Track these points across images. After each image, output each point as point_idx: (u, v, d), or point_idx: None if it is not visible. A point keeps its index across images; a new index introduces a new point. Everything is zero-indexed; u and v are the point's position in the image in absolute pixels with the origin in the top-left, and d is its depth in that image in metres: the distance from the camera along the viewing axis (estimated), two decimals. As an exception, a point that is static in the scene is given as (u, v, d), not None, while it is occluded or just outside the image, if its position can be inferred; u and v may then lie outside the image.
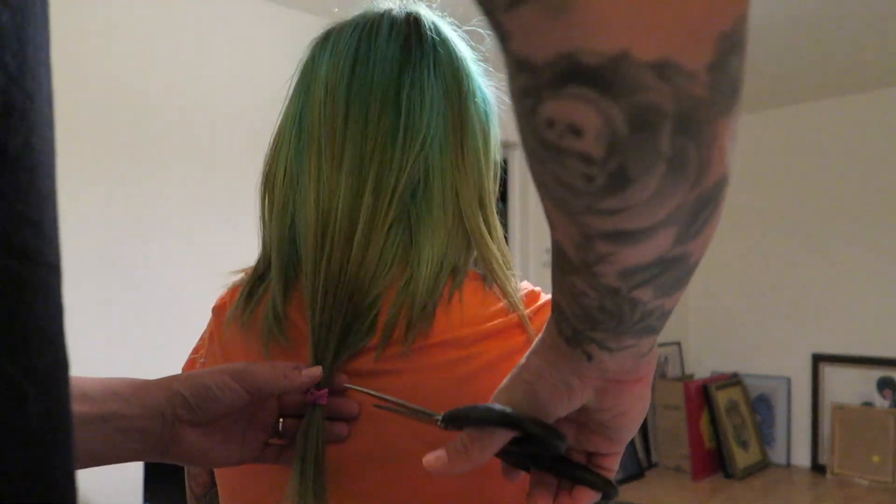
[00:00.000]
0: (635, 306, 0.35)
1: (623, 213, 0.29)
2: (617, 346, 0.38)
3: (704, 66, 0.24)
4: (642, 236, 0.30)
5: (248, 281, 0.59)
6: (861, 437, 3.07)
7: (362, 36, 0.58)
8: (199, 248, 2.04)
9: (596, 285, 0.34)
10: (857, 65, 2.79)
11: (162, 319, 1.95)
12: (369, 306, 0.53)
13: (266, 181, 0.59)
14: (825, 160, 3.25)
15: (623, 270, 0.32)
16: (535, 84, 0.26)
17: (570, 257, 0.34)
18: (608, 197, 0.28)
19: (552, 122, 0.26)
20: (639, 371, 0.41)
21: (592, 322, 0.37)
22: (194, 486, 0.66)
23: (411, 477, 0.52)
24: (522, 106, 0.27)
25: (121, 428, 0.45)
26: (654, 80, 0.24)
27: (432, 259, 0.54)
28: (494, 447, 0.42)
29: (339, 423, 0.52)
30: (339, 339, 0.52)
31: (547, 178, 0.30)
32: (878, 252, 3.10)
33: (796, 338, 3.34)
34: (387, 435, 0.52)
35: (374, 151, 0.55)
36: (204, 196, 2.06)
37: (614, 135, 0.26)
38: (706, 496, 2.91)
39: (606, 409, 0.42)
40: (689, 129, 0.26)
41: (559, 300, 0.38)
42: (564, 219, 0.31)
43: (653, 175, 0.27)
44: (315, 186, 0.55)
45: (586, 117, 0.25)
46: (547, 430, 0.40)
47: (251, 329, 0.56)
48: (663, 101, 0.25)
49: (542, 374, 0.41)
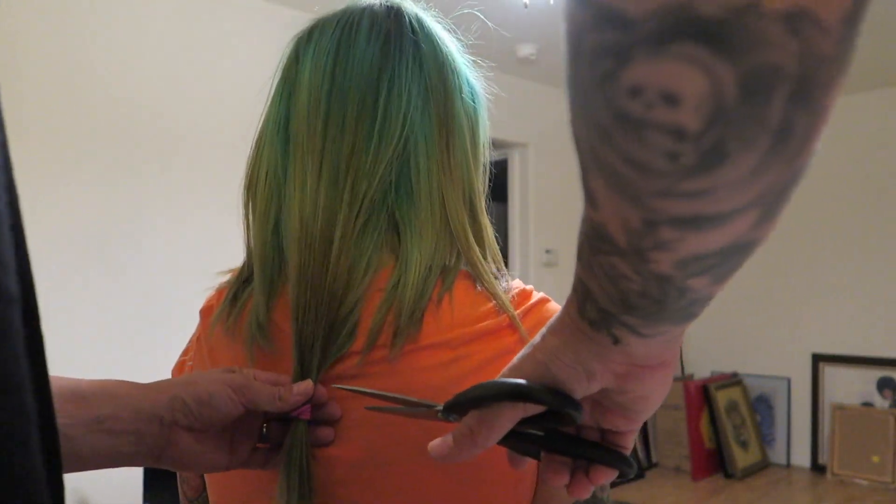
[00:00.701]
0: (684, 294, 0.31)
1: (705, 195, 0.25)
2: (650, 333, 0.35)
3: (841, 17, 0.21)
4: (719, 221, 0.26)
5: (233, 284, 0.58)
6: (861, 438, 3.07)
7: (342, 36, 0.57)
8: (190, 246, 2.04)
9: (644, 271, 0.30)
10: (857, 65, 2.79)
11: (152, 318, 1.95)
12: (348, 313, 0.52)
13: (249, 183, 0.58)
14: (825, 160, 3.25)
15: (684, 259, 0.29)
16: (623, 43, 0.22)
17: (614, 240, 0.30)
18: (693, 177, 0.24)
19: (640, 90, 0.23)
20: (664, 355, 0.38)
21: (627, 306, 0.33)
22: (187, 490, 0.66)
23: (400, 483, 0.51)
24: (597, 70, 0.23)
25: (114, 430, 0.45)
26: (781, 35, 0.20)
27: (420, 262, 0.53)
28: (502, 428, 0.39)
29: (324, 428, 0.52)
30: (322, 350, 0.52)
31: (611, 156, 0.26)
32: (879, 253, 3.10)
33: (796, 338, 3.34)
34: (375, 441, 0.51)
35: (350, 161, 0.54)
36: (196, 194, 2.06)
37: (720, 104, 0.22)
38: (706, 496, 2.91)
39: (627, 392, 0.38)
40: (805, 96, 0.22)
41: (586, 280, 0.34)
42: (622, 202, 0.27)
43: (753, 151, 0.23)
44: (299, 196, 0.54)
45: (689, 82, 0.22)
46: (562, 400, 0.37)
47: (236, 333, 0.56)
48: (787, 60, 0.21)
49: (558, 354, 0.37)
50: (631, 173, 0.25)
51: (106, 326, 1.89)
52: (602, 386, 0.38)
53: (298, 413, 0.51)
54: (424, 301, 0.52)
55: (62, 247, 1.83)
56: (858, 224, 3.16)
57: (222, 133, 2.09)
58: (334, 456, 0.52)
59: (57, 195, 1.83)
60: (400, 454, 0.51)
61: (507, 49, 2.76)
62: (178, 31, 2.04)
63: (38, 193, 1.80)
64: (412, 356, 0.51)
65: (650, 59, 0.22)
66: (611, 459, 0.42)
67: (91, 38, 1.88)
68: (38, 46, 1.81)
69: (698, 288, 0.31)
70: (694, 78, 0.21)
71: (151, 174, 1.97)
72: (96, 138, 1.88)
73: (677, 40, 0.21)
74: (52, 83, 1.82)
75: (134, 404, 0.46)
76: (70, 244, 1.85)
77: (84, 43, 1.86)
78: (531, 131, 3.13)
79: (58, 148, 1.83)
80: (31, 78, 1.80)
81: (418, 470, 0.52)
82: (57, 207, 1.83)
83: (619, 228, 0.29)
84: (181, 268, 2.00)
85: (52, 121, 1.83)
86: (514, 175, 3.26)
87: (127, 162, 1.93)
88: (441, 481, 0.52)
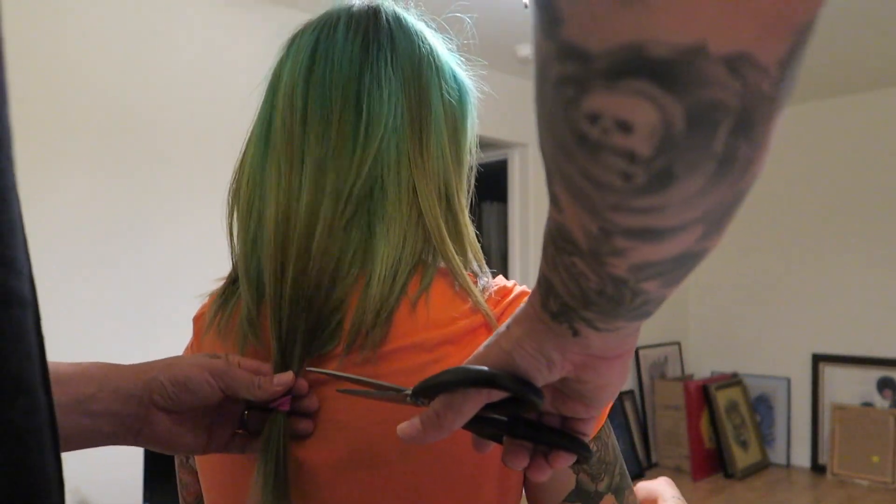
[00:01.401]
0: (637, 295, 0.34)
1: (656, 211, 0.27)
2: (607, 328, 0.37)
3: (778, 60, 0.23)
4: (669, 234, 0.29)
5: (222, 288, 0.59)
6: (861, 438, 3.07)
7: (321, 35, 0.57)
8: (189, 246, 2.04)
9: (601, 272, 0.33)
10: (858, 65, 2.79)
11: (150, 318, 1.95)
12: (332, 311, 0.52)
13: (235, 188, 0.58)
14: (825, 160, 3.25)
15: (637, 265, 0.31)
16: (583, 75, 0.24)
17: (576, 242, 0.32)
18: (644, 196, 0.27)
19: (597, 117, 0.25)
20: (621, 348, 0.40)
21: (586, 302, 0.35)
22: (186, 496, 0.66)
23: (385, 485, 0.51)
24: (559, 96, 0.26)
25: (93, 411, 0.46)
26: (724, 75, 0.23)
27: (386, 259, 0.52)
28: (468, 413, 0.41)
29: (303, 420, 0.52)
30: (303, 345, 0.51)
31: (572, 172, 0.28)
32: (879, 252, 3.10)
33: (796, 338, 3.34)
34: (359, 442, 0.51)
35: (334, 155, 0.54)
36: (195, 193, 2.06)
37: (668, 133, 0.24)
38: (706, 496, 2.91)
39: (585, 382, 0.41)
40: (746, 129, 0.25)
41: (550, 276, 0.36)
42: (582, 210, 0.30)
43: (699, 175, 0.26)
44: (275, 192, 0.54)
45: (641, 113, 0.24)
46: (525, 386, 0.39)
47: (228, 334, 0.56)
48: (730, 98, 0.23)
49: (521, 343, 0.39)
50: (588, 187, 0.28)
51: (103, 325, 1.89)
52: (562, 374, 0.40)
53: (278, 404, 0.51)
54: (393, 299, 0.52)
55: (60, 246, 1.83)
56: (858, 224, 3.16)
57: (222, 132, 2.09)
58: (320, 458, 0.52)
59: (56, 195, 1.83)
60: (387, 455, 0.51)
61: (507, 49, 2.76)
62: (179, 30, 2.04)
63: (35, 192, 1.80)
64: (389, 358, 0.51)
65: (606, 91, 0.24)
66: (570, 445, 0.44)
67: (89, 37, 1.88)
68: (35, 45, 1.81)
69: (650, 290, 0.34)
70: (645, 110, 0.24)
71: (150, 174, 1.97)
72: (95, 138, 1.88)
73: (631, 76, 0.23)
74: (51, 82, 1.82)
75: (112, 384, 0.47)
76: (68, 243, 1.85)
77: (82, 42, 1.86)
78: (531, 131, 3.14)
79: (56, 147, 1.83)
80: (29, 78, 1.80)
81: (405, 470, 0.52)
82: (54, 207, 1.83)
83: (580, 232, 0.31)
84: (180, 268, 2.00)
85: (49, 120, 1.83)
86: (514, 175, 3.27)
87: (126, 161, 1.93)
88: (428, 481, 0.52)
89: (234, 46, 2.14)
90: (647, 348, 3.45)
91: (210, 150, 2.08)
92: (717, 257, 3.58)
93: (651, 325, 3.51)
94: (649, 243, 0.30)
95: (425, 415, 0.42)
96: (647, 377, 3.42)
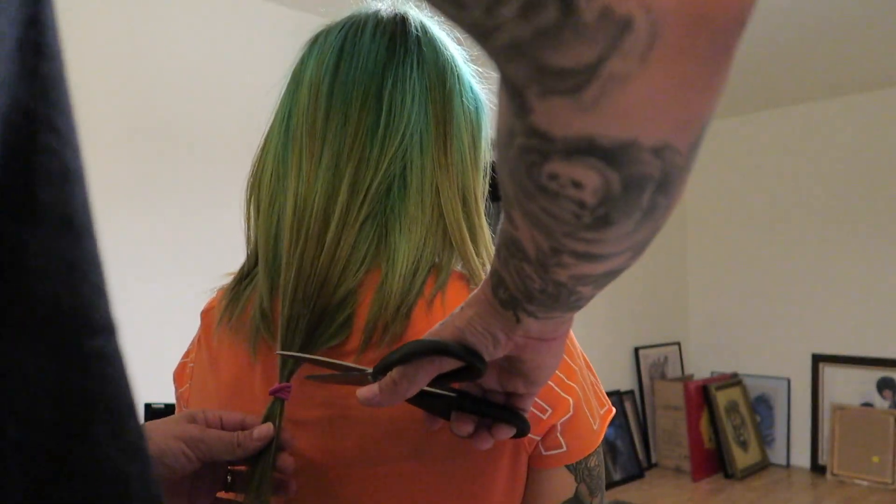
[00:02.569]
0: (573, 294, 0.41)
1: (597, 242, 0.35)
2: (545, 316, 0.44)
3: (688, 145, 0.31)
4: (604, 259, 0.37)
5: (233, 283, 0.59)
6: (861, 438, 3.07)
7: (348, 35, 0.58)
8: (200, 245, 2.04)
9: (545, 277, 0.40)
10: (858, 65, 2.79)
11: (164, 311, 1.95)
12: (339, 303, 0.53)
13: (253, 181, 0.60)
14: (825, 160, 3.25)
15: (576, 275, 0.39)
16: (546, 148, 0.31)
17: (526, 252, 0.39)
18: (589, 231, 0.34)
19: (556, 177, 0.32)
20: (556, 332, 0.47)
21: (529, 297, 0.42)
22: None
23: (395, 482, 0.52)
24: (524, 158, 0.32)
25: None
26: (650, 158, 0.30)
27: (407, 257, 0.54)
28: (421, 381, 0.46)
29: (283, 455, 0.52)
30: (306, 334, 0.52)
31: (533, 207, 0.35)
32: (878, 252, 3.10)
33: (796, 338, 3.34)
34: (369, 438, 0.52)
35: (353, 148, 0.55)
36: (204, 194, 2.06)
37: (609, 192, 0.32)
38: (706, 496, 2.91)
39: (526, 361, 0.47)
40: (664, 189, 0.33)
41: (501, 272, 0.43)
42: (538, 233, 0.37)
43: (629, 220, 0.34)
44: (295, 182, 0.55)
45: (590, 178, 0.31)
46: (472, 354, 0.45)
47: (240, 329, 0.56)
48: (654, 171, 0.31)
49: (472, 323, 0.45)
50: (547, 219, 0.35)
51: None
52: (505, 352, 0.47)
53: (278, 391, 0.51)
54: (412, 296, 0.53)
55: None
56: (859, 225, 3.16)
57: (235, 133, 2.09)
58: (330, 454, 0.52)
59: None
60: (396, 452, 0.52)
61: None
62: (190, 32, 2.04)
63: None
64: None
65: (564, 162, 0.31)
66: (510, 417, 0.49)
67: (97, 38, 1.88)
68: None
69: (584, 292, 0.42)
70: (593, 176, 0.31)
71: (161, 175, 1.97)
72: (102, 139, 1.88)
73: (583, 155, 0.31)
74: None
75: None
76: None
77: (92, 45, 1.86)
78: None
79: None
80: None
81: (415, 467, 0.52)
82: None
83: (532, 246, 0.38)
84: (183, 267, 2.00)
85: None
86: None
87: (137, 162, 1.93)
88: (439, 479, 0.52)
89: (248, 47, 2.15)
90: (647, 348, 3.45)
91: (225, 150, 2.08)
92: (717, 258, 3.58)
93: (651, 326, 3.51)
94: (589, 263, 0.37)
95: (383, 381, 0.47)
96: (647, 377, 3.42)
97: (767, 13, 2.25)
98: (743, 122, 3.50)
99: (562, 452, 0.55)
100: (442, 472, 0.52)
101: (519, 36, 0.27)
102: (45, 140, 0.21)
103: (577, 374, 0.57)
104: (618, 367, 3.33)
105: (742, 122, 3.50)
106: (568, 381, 0.56)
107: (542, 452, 0.55)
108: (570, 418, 0.55)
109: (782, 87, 3.06)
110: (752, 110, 3.43)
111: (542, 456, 0.55)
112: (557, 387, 0.55)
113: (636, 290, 3.41)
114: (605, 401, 0.60)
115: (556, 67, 0.28)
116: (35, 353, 0.20)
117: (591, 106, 0.28)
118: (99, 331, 0.21)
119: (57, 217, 0.20)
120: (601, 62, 0.27)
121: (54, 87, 0.21)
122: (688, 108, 0.29)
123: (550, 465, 0.55)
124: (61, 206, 0.21)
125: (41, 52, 0.21)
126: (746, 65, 2.72)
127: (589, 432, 0.56)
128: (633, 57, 0.27)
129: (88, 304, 0.21)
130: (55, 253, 0.20)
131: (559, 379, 0.55)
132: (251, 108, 2.07)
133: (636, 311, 3.42)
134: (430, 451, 0.52)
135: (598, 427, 0.58)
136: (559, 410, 0.55)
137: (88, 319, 0.21)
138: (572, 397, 0.56)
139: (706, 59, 0.27)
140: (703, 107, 0.29)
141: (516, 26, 0.27)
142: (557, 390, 0.55)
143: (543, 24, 0.27)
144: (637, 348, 3.40)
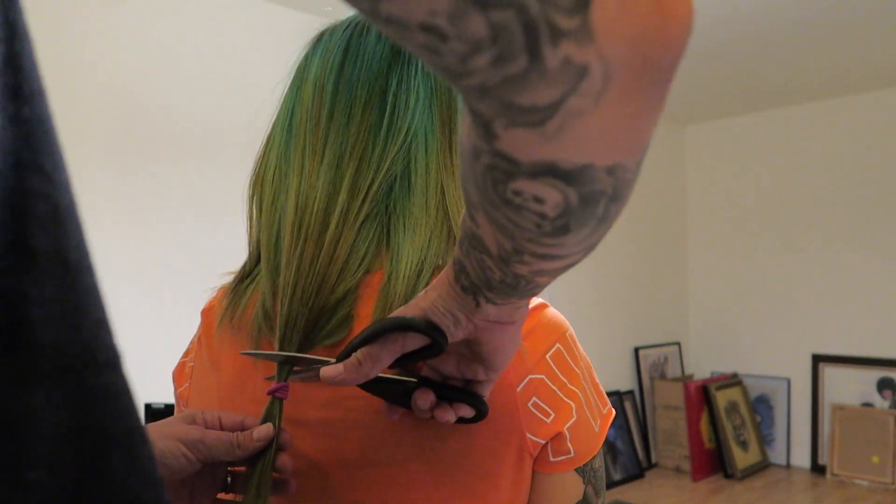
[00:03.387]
0: (530, 283, 0.44)
1: (555, 246, 0.39)
2: (503, 302, 0.46)
3: (636, 163, 0.35)
4: (561, 258, 0.41)
5: (234, 282, 0.59)
6: (861, 438, 3.07)
7: (353, 34, 0.58)
8: (197, 246, 2.04)
9: (505, 270, 0.43)
10: (856, 66, 2.79)
11: (161, 310, 1.95)
12: (338, 302, 0.53)
13: (256, 179, 0.60)
14: (825, 161, 3.25)
15: (535, 270, 0.42)
16: (511, 170, 0.35)
17: (488, 248, 0.42)
18: (549, 237, 0.38)
19: (520, 193, 0.36)
20: (512, 317, 0.49)
21: (489, 286, 0.45)
22: None
23: (399, 484, 0.51)
24: (490, 175, 0.36)
25: None
26: (604, 176, 0.35)
27: (411, 259, 0.54)
28: (385, 360, 0.48)
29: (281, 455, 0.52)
30: (304, 332, 0.52)
31: (498, 216, 0.38)
32: (878, 252, 3.10)
33: (796, 338, 3.34)
34: (371, 440, 0.52)
35: (355, 147, 0.55)
36: (204, 194, 2.06)
37: (567, 206, 0.36)
38: (706, 496, 2.91)
39: (484, 344, 0.49)
40: (616, 201, 0.37)
41: (463, 261, 0.45)
42: (502, 236, 0.40)
43: (585, 228, 0.38)
44: (297, 181, 0.55)
45: (550, 195, 0.35)
46: (434, 329, 0.47)
47: (242, 329, 0.56)
48: (607, 187, 0.35)
49: (435, 304, 0.47)
50: (510, 226, 0.39)
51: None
52: (465, 335, 0.49)
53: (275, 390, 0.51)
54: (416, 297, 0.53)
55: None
56: (859, 225, 3.16)
57: (233, 132, 2.09)
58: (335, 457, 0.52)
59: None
60: (401, 454, 0.52)
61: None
62: (187, 30, 2.04)
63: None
64: None
65: (528, 181, 0.35)
66: (470, 399, 0.51)
67: (97, 37, 1.88)
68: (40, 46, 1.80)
69: (541, 283, 0.45)
70: (553, 193, 0.35)
71: (160, 174, 1.97)
72: (105, 138, 1.88)
73: (545, 176, 0.34)
74: (65, 81, 1.82)
75: None
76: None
77: (89, 43, 1.86)
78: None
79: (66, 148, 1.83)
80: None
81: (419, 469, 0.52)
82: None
83: (494, 245, 0.41)
84: (190, 266, 2.00)
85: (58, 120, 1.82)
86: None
87: (135, 160, 1.93)
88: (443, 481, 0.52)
89: (249, 47, 2.15)
90: (647, 348, 3.45)
91: (222, 149, 2.08)
92: (717, 258, 3.58)
93: (651, 326, 3.51)
94: (548, 261, 0.41)
95: (348, 360, 0.48)
96: (647, 377, 3.42)
97: (766, 13, 2.25)
98: (743, 123, 3.50)
99: (570, 457, 0.56)
100: (445, 474, 0.52)
101: (489, 81, 0.30)
102: (32, 185, 0.21)
103: (579, 378, 0.57)
104: (618, 367, 3.33)
105: (742, 122, 3.50)
106: (570, 385, 0.56)
107: (551, 458, 0.55)
108: (575, 423, 0.55)
109: (781, 87, 3.06)
110: (751, 111, 3.42)
111: (550, 461, 0.56)
112: (560, 391, 0.55)
113: (636, 290, 3.41)
114: (606, 403, 0.60)
115: (522, 105, 0.31)
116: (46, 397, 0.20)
117: (553, 136, 0.32)
118: (104, 366, 0.22)
119: (53, 260, 0.21)
120: (562, 100, 0.30)
121: (37, 128, 0.22)
122: (636, 135, 0.33)
123: (561, 469, 0.56)
124: (56, 248, 0.21)
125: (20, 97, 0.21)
126: (746, 65, 2.72)
127: (591, 435, 0.57)
128: (589, 96, 0.30)
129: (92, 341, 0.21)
130: (55, 298, 0.21)
131: (562, 383, 0.56)
132: (251, 110, 2.07)
133: (636, 311, 3.42)
134: (433, 454, 0.52)
135: (599, 429, 0.58)
136: (562, 414, 0.55)
137: (93, 357, 0.21)
138: (574, 402, 0.56)
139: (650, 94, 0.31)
140: (647, 131, 0.34)
141: (487, 73, 0.30)
142: (560, 394, 0.55)
143: (512, 72, 0.30)
144: (637, 348, 3.40)
